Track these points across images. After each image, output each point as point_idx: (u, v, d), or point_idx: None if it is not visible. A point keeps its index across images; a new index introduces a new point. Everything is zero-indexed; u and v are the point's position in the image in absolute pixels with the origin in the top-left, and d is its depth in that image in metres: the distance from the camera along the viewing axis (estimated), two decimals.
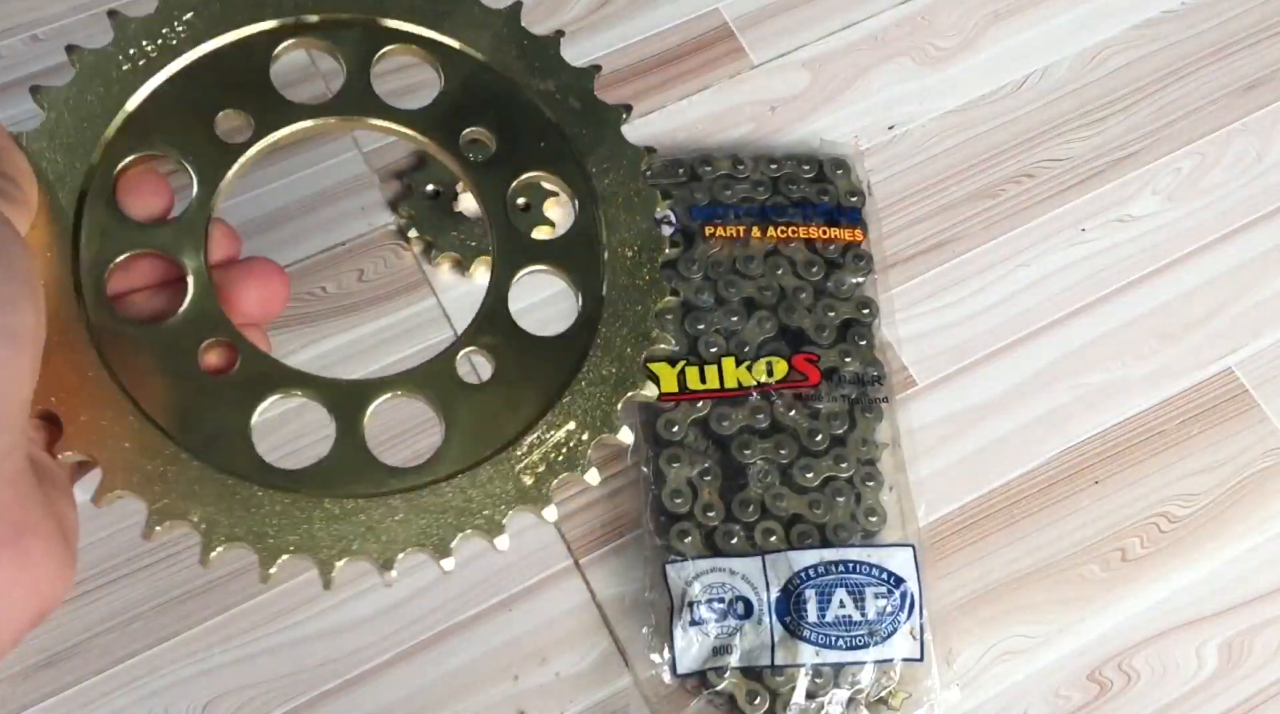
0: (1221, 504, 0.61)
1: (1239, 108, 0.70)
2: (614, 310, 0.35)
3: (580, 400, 0.34)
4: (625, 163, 0.37)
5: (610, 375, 0.34)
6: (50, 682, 0.55)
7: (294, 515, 0.32)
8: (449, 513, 0.33)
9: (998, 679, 0.57)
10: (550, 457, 0.33)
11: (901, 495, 0.60)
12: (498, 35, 0.37)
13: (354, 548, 0.32)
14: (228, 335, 0.33)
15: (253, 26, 0.35)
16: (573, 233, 0.36)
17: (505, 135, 0.36)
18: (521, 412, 0.34)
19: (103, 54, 0.34)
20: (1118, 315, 0.65)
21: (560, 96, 0.37)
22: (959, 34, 0.72)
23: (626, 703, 0.56)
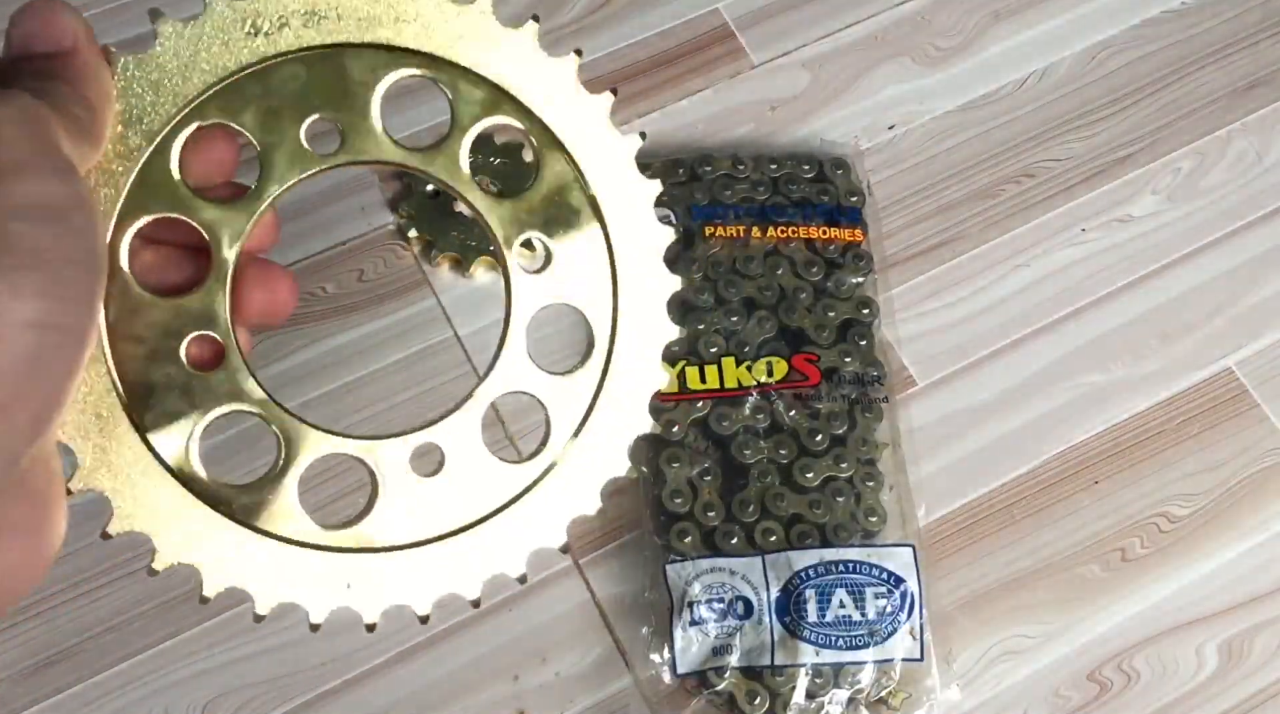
0: (1221, 504, 0.61)
1: (1239, 108, 0.70)
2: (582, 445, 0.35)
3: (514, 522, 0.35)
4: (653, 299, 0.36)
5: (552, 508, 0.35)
6: (50, 682, 0.55)
7: (198, 526, 0.32)
8: (338, 584, 0.33)
9: (998, 679, 0.57)
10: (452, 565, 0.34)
11: (901, 495, 0.60)
12: (583, 126, 0.36)
13: (238, 580, 0.32)
14: (222, 335, 0.33)
15: (382, 44, 0.34)
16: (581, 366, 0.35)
17: (560, 254, 0.35)
18: (447, 521, 0.34)
19: (235, 8, 0.32)
20: (1118, 315, 0.65)
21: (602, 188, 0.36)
22: (959, 34, 0.72)
23: (626, 703, 0.56)
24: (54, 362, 0.26)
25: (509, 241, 0.35)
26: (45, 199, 0.26)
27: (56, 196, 0.26)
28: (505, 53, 0.34)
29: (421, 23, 0.33)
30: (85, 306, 0.27)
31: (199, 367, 0.33)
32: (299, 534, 0.33)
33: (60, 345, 0.26)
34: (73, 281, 0.26)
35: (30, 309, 0.25)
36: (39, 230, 0.25)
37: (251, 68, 0.33)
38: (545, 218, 0.35)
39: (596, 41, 0.70)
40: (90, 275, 0.27)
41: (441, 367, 0.62)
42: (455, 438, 0.34)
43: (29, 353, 0.25)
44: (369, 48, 0.33)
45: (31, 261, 0.25)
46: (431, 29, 0.34)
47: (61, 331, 0.26)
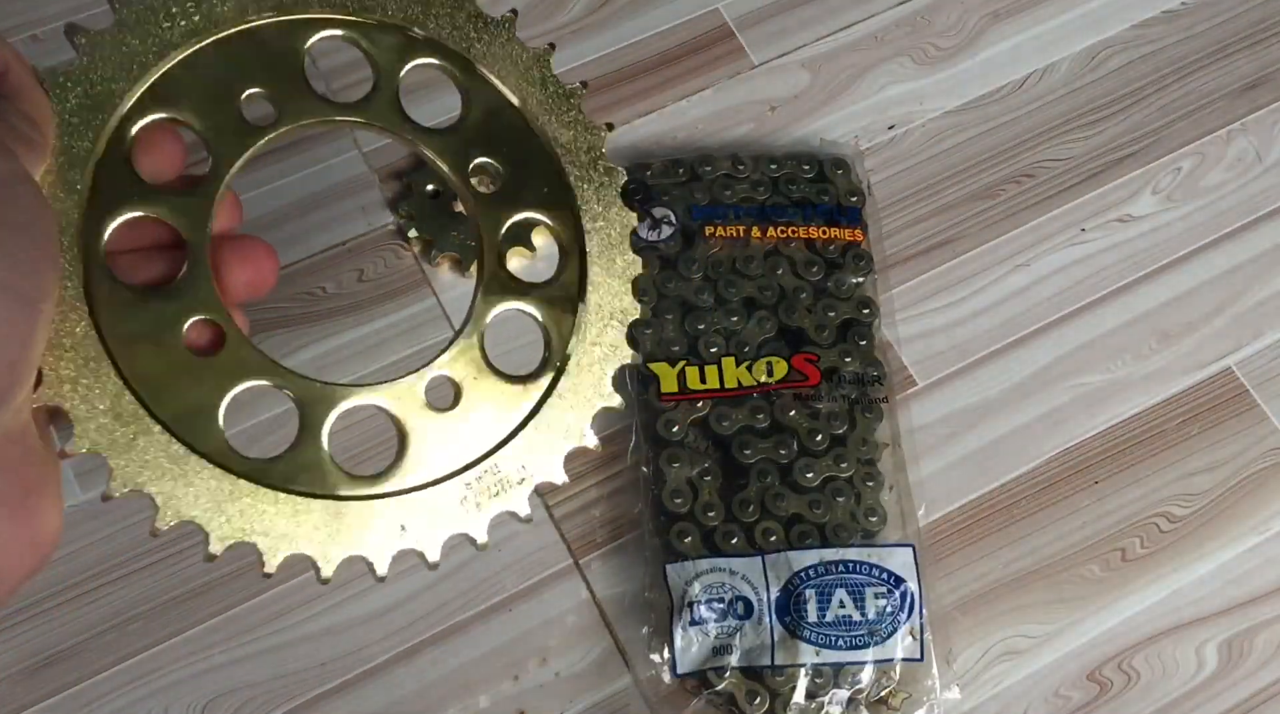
0: (1221, 504, 0.61)
1: (1239, 108, 0.71)
2: (577, 365, 0.36)
3: (529, 444, 0.36)
4: (617, 227, 0.38)
5: (560, 427, 0.36)
6: (50, 682, 0.55)
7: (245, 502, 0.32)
8: (391, 527, 0.34)
9: (998, 679, 0.57)
10: (491, 489, 0.35)
11: (901, 495, 0.60)
12: (526, 74, 0.37)
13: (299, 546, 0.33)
14: (217, 316, 0.33)
15: (296, 13, 0.35)
16: (555, 280, 0.37)
17: (513, 171, 0.37)
18: (475, 446, 0.35)
19: (147, 7, 0.33)
20: (1118, 315, 0.65)
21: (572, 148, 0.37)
22: (959, 34, 0.72)
23: (626, 703, 0.56)
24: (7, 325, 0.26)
25: (459, 170, 0.36)
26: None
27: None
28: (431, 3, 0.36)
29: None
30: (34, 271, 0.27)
31: (203, 351, 0.33)
32: (342, 490, 0.33)
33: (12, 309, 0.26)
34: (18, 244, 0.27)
35: None
36: None
37: (174, 57, 0.33)
38: (487, 141, 0.36)
39: (596, 41, 0.70)
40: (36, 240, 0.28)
41: None
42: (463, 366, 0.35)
43: None
44: (279, 16, 0.35)
45: None
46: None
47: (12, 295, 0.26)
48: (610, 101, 0.68)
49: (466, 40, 0.37)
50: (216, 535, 0.32)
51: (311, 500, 0.33)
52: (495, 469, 0.35)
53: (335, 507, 0.33)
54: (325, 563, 0.33)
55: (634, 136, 0.68)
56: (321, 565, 0.33)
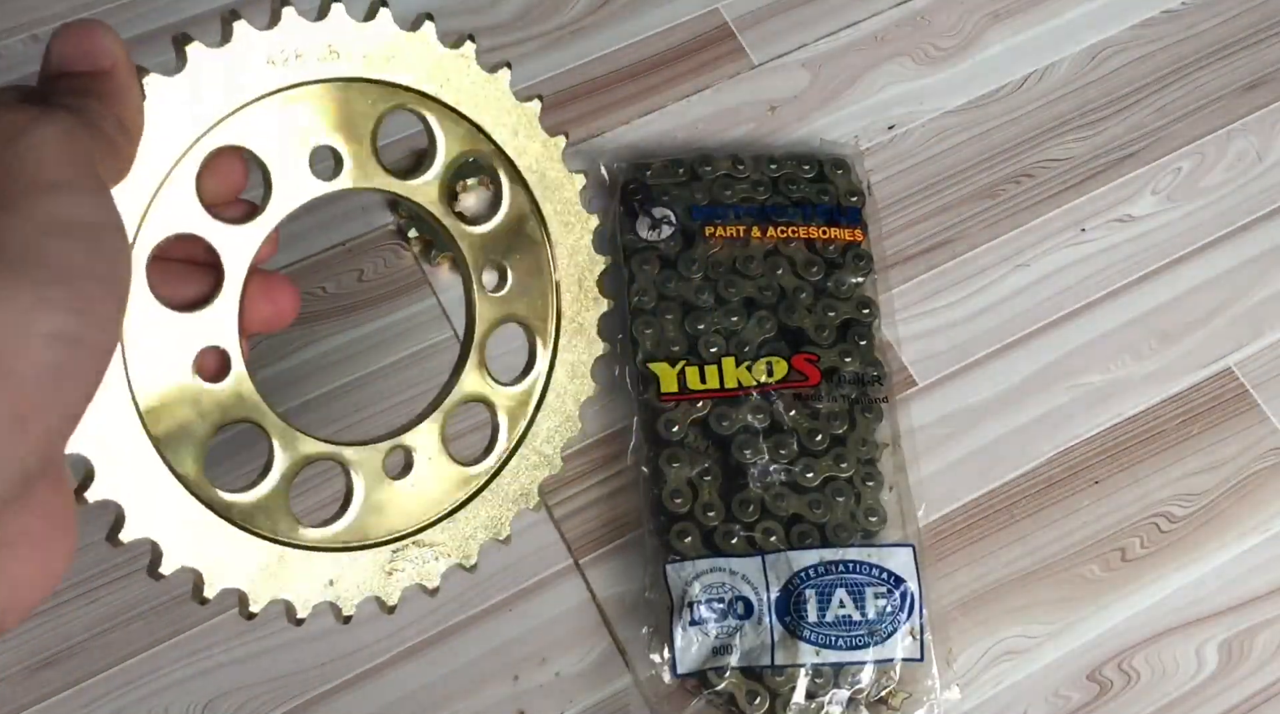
0: (1221, 504, 0.61)
1: (1239, 108, 0.71)
2: (518, 467, 0.40)
3: (456, 526, 0.39)
4: (585, 356, 0.41)
5: (488, 517, 0.40)
6: (50, 682, 0.55)
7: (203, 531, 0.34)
8: (321, 578, 0.37)
9: (998, 679, 0.57)
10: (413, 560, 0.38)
11: (901, 495, 0.60)
12: (567, 203, 0.40)
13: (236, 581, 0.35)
14: (229, 346, 0.35)
15: (387, 78, 0.36)
16: (520, 380, 0.40)
17: (518, 279, 0.40)
18: (410, 518, 0.38)
19: (256, 38, 0.34)
20: (1118, 315, 0.65)
21: (569, 272, 0.41)
22: (959, 34, 0.72)
23: (626, 703, 0.56)
24: (75, 376, 0.26)
25: (477, 266, 0.39)
26: (79, 217, 0.27)
27: (90, 216, 0.27)
28: (483, 94, 0.38)
29: (416, 62, 0.36)
30: (109, 324, 0.28)
31: (206, 377, 0.34)
32: (289, 534, 0.36)
33: (82, 361, 0.27)
34: (99, 298, 0.27)
35: (57, 322, 0.25)
36: (71, 247, 0.26)
37: (266, 94, 0.34)
38: (507, 246, 0.40)
39: (596, 41, 0.70)
40: (115, 294, 0.28)
41: (441, 367, 0.61)
42: (422, 442, 0.38)
43: (52, 366, 0.25)
44: (371, 83, 0.36)
45: (62, 276, 0.26)
46: (426, 70, 0.37)
47: (85, 347, 0.26)
48: (610, 101, 0.68)
49: (521, 151, 0.39)
50: (169, 557, 0.34)
51: (260, 541, 0.35)
52: (420, 543, 0.38)
53: (279, 551, 0.36)
54: (255, 601, 0.35)
55: (634, 136, 0.68)
56: (251, 602, 0.35)
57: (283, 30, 0.34)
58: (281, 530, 0.36)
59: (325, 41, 0.35)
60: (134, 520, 0.33)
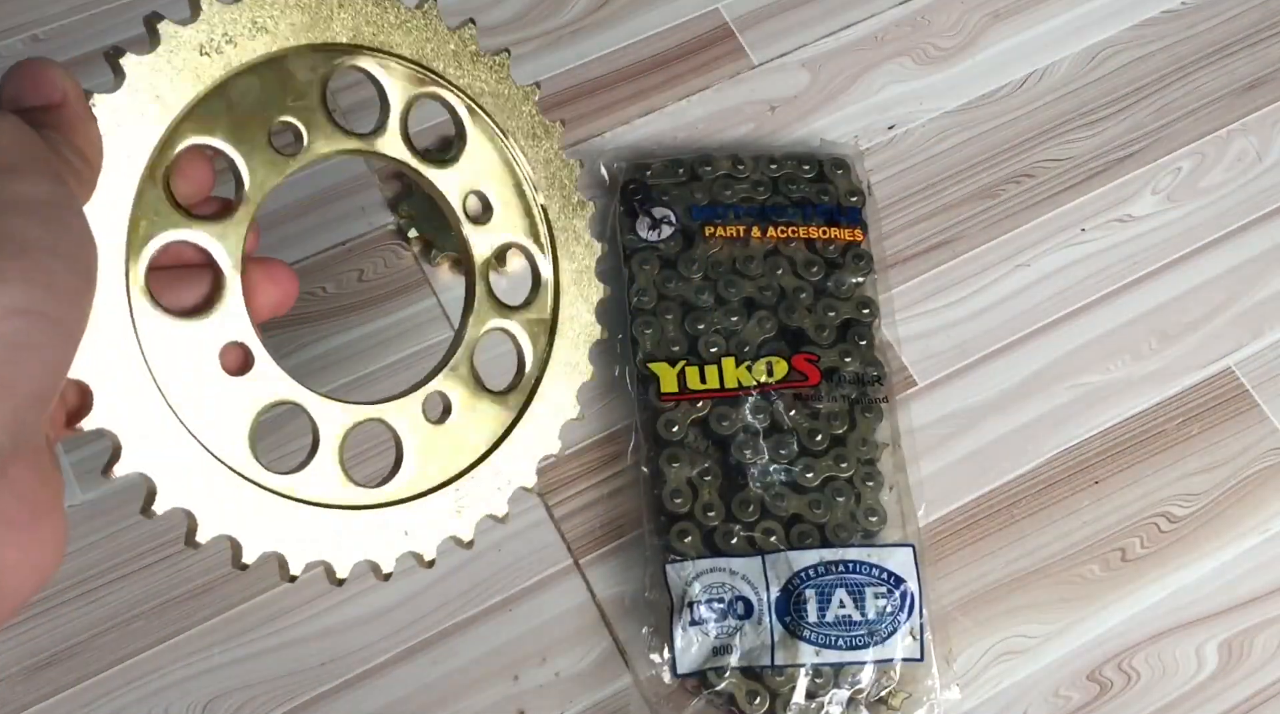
0: (1221, 504, 0.61)
1: (1239, 108, 0.71)
2: (552, 380, 0.41)
3: (507, 454, 0.40)
4: (587, 257, 0.42)
5: (535, 438, 0.40)
6: (50, 682, 0.55)
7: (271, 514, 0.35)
8: (395, 533, 0.37)
9: (998, 679, 0.57)
10: (476, 495, 0.39)
11: (901, 495, 0.60)
12: (515, 111, 0.40)
13: (319, 553, 0.36)
14: (247, 337, 0.35)
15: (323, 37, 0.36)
16: (530, 303, 0.41)
17: (500, 203, 0.41)
18: (462, 457, 0.39)
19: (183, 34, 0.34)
20: (1118, 315, 0.65)
21: (550, 183, 0.42)
22: (959, 34, 0.72)
23: (626, 703, 0.56)
24: (38, 351, 0.26)
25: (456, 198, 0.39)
26: (36, 197, 0.27)
27: (47, 196, 0.27)
28: (416, 32, 0.38)
29: (344, 19, 0.37)
30: (72, 298, 0.28)
31: (234, 372, 0.35)
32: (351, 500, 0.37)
33: (46, 335, 0.26)
34: (60, 274, 0.27)
35: (14, 296, 0.25)
36: (28, 224, 0.26)
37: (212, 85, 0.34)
38: (479, 174, 0.40)
39: (596, 41, 0.70)
40: (78, 270, 0.28)
41: None
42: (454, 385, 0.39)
43: (13, 339, 0.25)
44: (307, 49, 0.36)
45: (19, 252, 0.26)
46: (358, 23, 0.37)
47: (47, 321, 0.26)
48: (610, 101, 0.68)
49: (467, 77, 0.39)
50: (247, 545, 0.34)
51: (326, 510, 0.36)
52: (479, 477, 0.39)
53: (347, 516, 0.36)
54: (340, 566, 0.36)
55: (634, 136, 0.68)
56: (337, 569, 0.36)
57: (206, 20, 0.34)
58: (346, 497, 0.36)
59: (249, 20, 0.35)
60: (206, 522, 0.33)
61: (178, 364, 0.33)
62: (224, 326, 0.35)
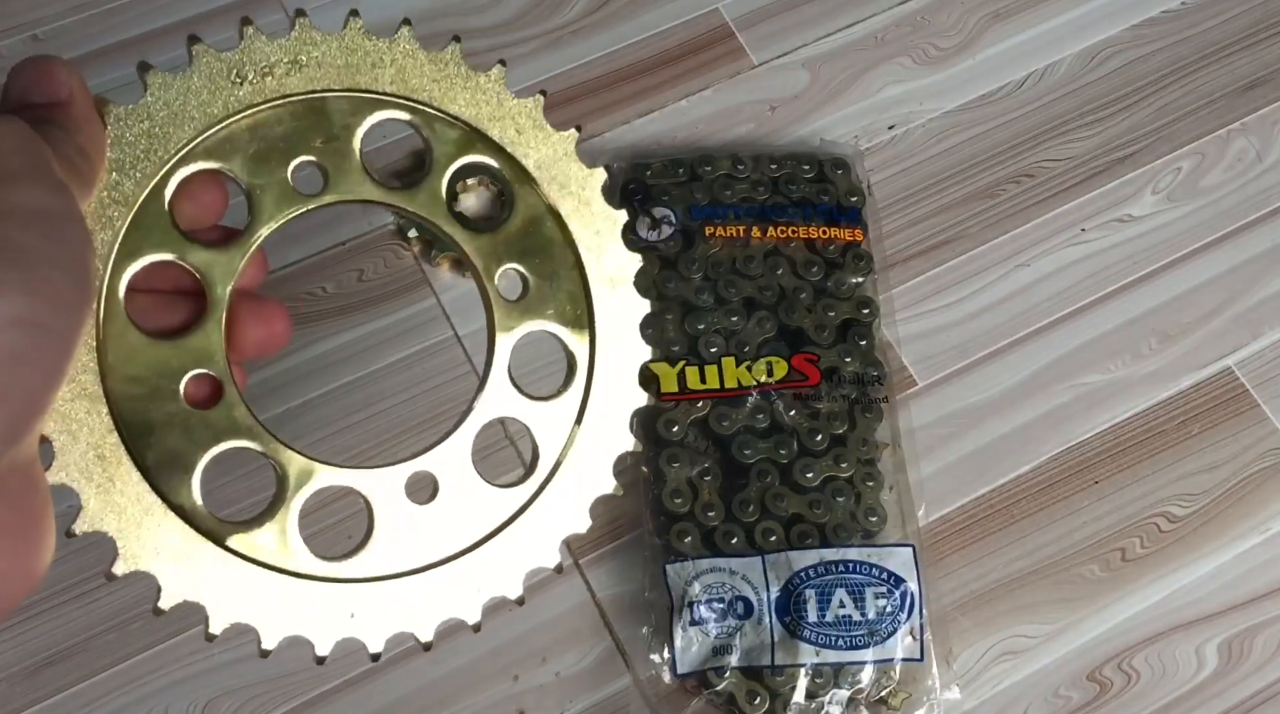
0: (1221, 504, 0.61)
1: (1239, 108, 0.70)
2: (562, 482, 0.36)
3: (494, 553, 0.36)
4: (632, 352, 0.38)
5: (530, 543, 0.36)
6: (50, 682, 0.55)
7: (202, 563, 0.32)
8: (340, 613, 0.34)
9: (998, 679, 0.57)
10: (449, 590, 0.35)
11: (901, 495, 0.60)
12: (573, 189, 0.38)
13: (245, 616, 0.33)
14: (219, 371, 0.34)
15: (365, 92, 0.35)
16: (558, 395, 0.37)
17: (540, 283, 0.37)
18: (441, 546, 0.35)
19: (221, 59, 0.34)
20: (1118, 315, 0.65)
21: (599, 268, 0.38)
22: (959, 34, 0.72)
23: (626, 703, 0.56)
24: (36, 361, 0.26)
25: (489, 273, 0.36)
26: (37, 206, 0.27)
27: (48, 205, 0.27)
28: (475, 95, 0.36)
29: (396, 69, 0.35)
30: (70, 310, 0.27)
31: (197, 405, 0.33)
32: (301, 567, 0.34)
33: (43, 346, 0.26)
34: (59, 284, 0.27)
35: (14, 306, 0.25)
36: (28, 234, 0.26)
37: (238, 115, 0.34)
38: (521, 249, 0.37)
39: (597, 41, 0.70)
40: (77, 281, 0.28)
41: (441, 366, 0.62)
42: (447, 465, 0.35)
43: (10, 350, 0.25)
44: (348, 93, 0.35)
45: (19, 262, 0.26)
46: (406, 75, 0.35)
47: (45, 332, 0.26)
48: (610, 101, 0.68)
49: (524, 147, 0.37)
50: (167, 591, 0.32)
51: (268, 572, 0.33)
52: (455, 574, 0.35)
53: (290, 583, 0.33)
54: (268, 637, 0.33)
55: (634, 136, 0.68)
56: (264, 639, 0.33)
57: (247, 49, 0.34)
58: (290, 560, 0.33)
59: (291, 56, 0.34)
60: (128, 553, 0.32)
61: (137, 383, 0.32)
62: (194, 355, 0.33)
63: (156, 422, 0.33)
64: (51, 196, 0.28)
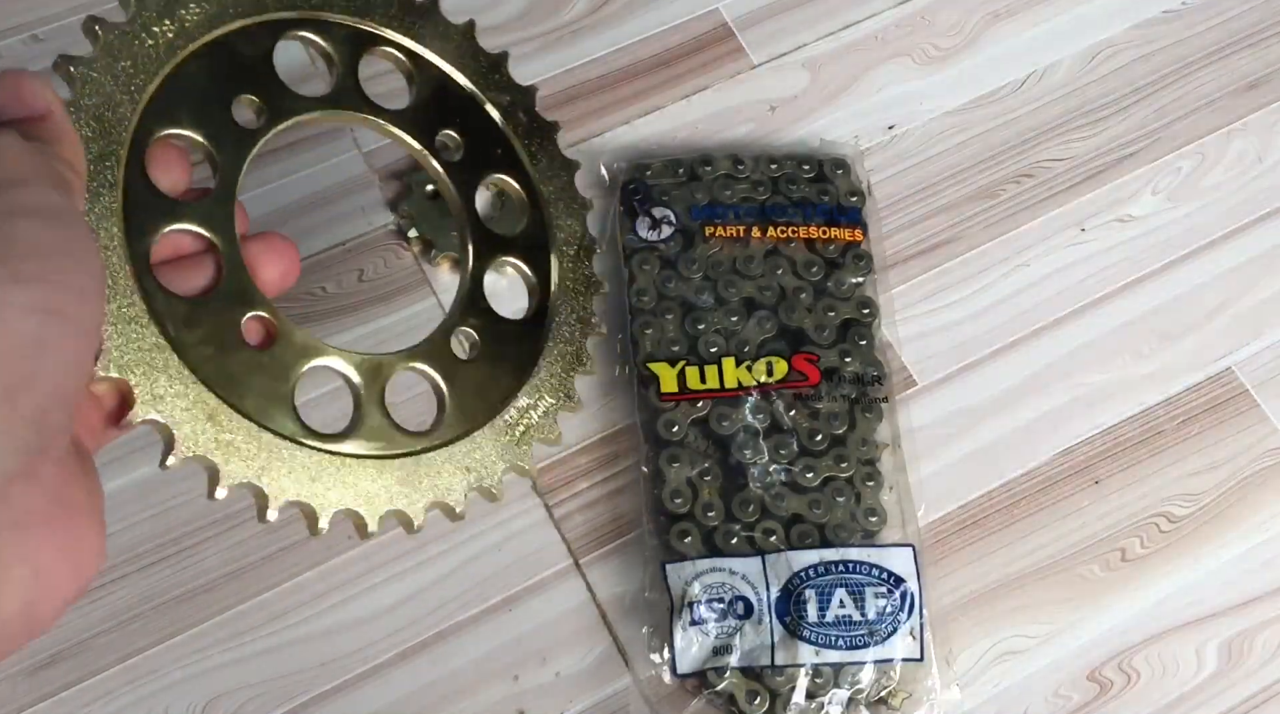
0: (1221, 504, 0.61)
1: (1239, 108, 0.70)
2: (563, 300, 0.42)
3: (546, 377, 0.40)
4: (564, 174, 0.43)
5: (566, 355, 0.41)
6: (50, 681, 0.55)
7: (336, 475, 0.35)
8: (459, 470, 0.38)
9: (998, 679, 0.57)
10: (530, 425, 0.40)
11: (901, 495, 0.60)
12: (459, 49, 0.41)
13: (392, 503, 0.36)
14: (265, 309, 0.36)
15: (256, 17, 0.37)
16: (526, 231, 0.42)
17: (470, 141, 0.41)
18: (501, 385, 0.40)
19: (124, 30, 0.34)
20: (1118, 315, 0.65)
21: (510, 111, 0.42)
22: (959, 34, 0.72)
23: (626, 703, 0.56)
24: (57, 349, 0.27)
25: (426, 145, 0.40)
26: (45, 203, 0.28)
27: (56, 204, 0.29)
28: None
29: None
30: (86, 297, 0.28)
31: (261, 345, 0.36)
32: (409, 446, 0.37)
33: (63, 332, 0.27)
34: (73, 273, 0.28)
35: (33, 295, 0.26)
36: (39, 228, 0.27)
37: (164, 73, 0.35)
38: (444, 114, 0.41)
39: (596, 42, 0.70)
40: (91, 272, 0.29)
41: None
42: (474, 320, 0.40)
43: (32, 337, 0.26)
44: (251, 18, 0.37)
45: (32, 253, 0.27)
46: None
47: (64, 318, 0.27)
48: (610, 101, 0.68)
49: (405, 27, 0.40)
50: (321, 510, 0.34)
51: (389, 461, 0.36)
52: (520, 407, 0.39)
53: (410, 463, 0.36)
54: (415, 514, 0.36)
55: (634, 136, 0.68)
56: (414, 517, 0.36)
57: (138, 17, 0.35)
58: (400, 444, 0.37)
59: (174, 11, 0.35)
60: (275, 492, 0.34)
61: (205, 346, 0.34)
62: (239, 304, 0.35)
63: (239, 373, 0.34)
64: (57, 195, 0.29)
